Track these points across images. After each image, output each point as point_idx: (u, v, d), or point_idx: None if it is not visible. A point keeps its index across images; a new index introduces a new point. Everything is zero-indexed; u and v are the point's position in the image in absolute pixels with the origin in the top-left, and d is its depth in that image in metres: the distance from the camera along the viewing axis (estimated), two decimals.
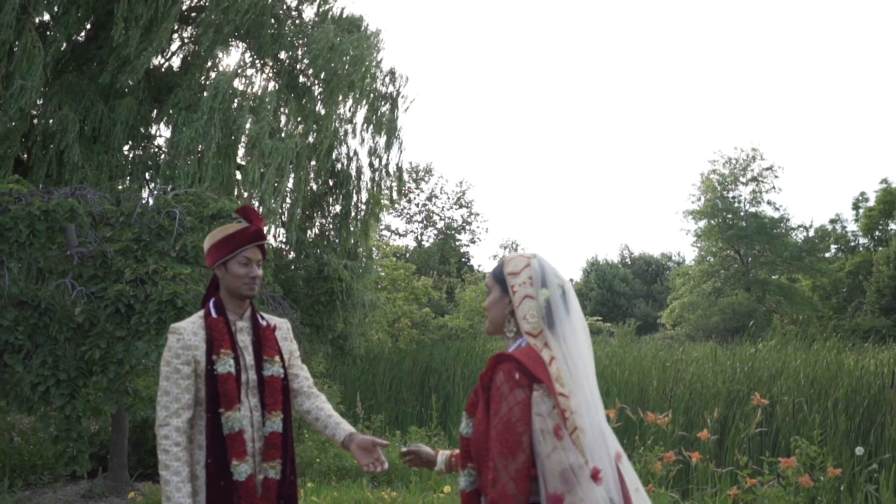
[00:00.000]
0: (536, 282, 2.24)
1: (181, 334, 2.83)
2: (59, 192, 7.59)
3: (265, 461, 2.84)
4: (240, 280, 2.91)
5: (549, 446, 2.03)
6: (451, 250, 37.40)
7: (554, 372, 2.12)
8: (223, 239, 2.92)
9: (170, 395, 2.76)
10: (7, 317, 6.22)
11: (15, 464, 7.60)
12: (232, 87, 14.75)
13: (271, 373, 2.92)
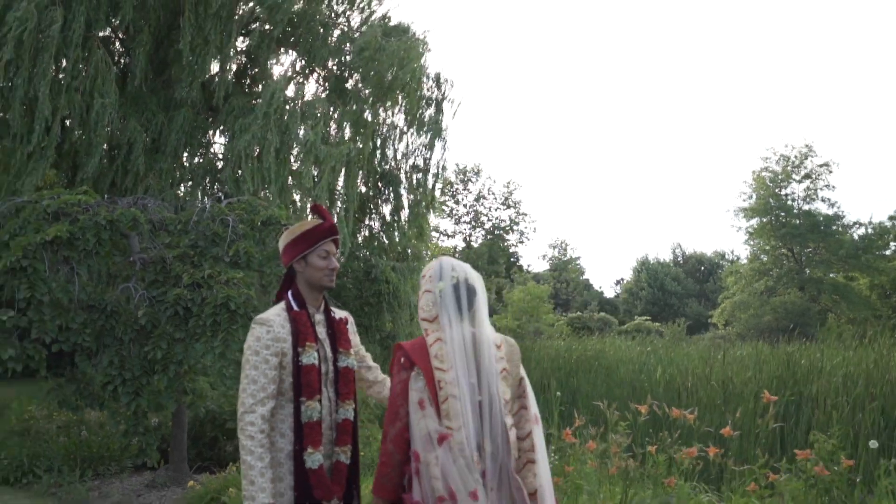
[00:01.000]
0: (435, 278, 2.70)
1: (271, 326, 2.94)
2: (122, 201, 8.11)
3: (337, 446, 3.03)
4: (321, 272, 3.07)
5: (416, 415, 2.49)
6: (500, 250, 37.57)
7: (435, 351, 2.55)
8: (302, 234, 3.08)
9: (257, 384, 2.87)
10: (77, 320, 6.73)
11: (85, 455, 8.15)
12: (284, 93, 15.19)
13: (346, 364, 3.10)
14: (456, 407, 2.45)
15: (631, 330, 28.34)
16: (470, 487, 2.38)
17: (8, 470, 8.04)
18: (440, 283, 2.67)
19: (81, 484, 7.53)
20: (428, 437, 2.44)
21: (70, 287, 6.81)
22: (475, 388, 2.54)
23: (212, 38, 14.15)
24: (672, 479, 4.73)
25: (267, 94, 14.70)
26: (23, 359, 6.52)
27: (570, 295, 47.57)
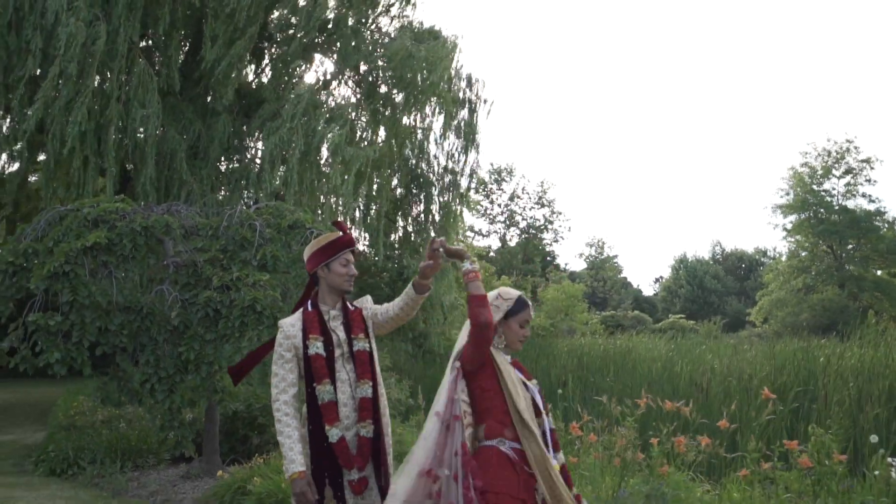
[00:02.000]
0: None
1: (283, 329, 3.47)
2: (157, 208, 8.57)
3: (359, 422, 3.40)
4: (341, 278, 3.52)
5: None
6: (534, 249, 37.72)
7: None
8: (326, 245, 3.54)
9: (278, 377, 3.39)
10: (115, 322, 7.20)
11: (125, 448, 8.64)
12: (313, 97, 15.54)
13: (359, 347, 3.49)
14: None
15: (665, 328, 28.28)
16: None
17: (55, 462, 8.56)
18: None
19: (121, 475, 7.99)
20: None
21: (108, 290, 7.27)
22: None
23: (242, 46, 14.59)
24: (665, 468, 4.97)
25: (294, 99, 15.08)
26: (67, 361, 7.00)
27: (608, 293, 47.46)
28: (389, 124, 18.86)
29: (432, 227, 21.12)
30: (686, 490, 4.99)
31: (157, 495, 7.45)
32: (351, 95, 20.24)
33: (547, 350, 13.63)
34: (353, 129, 18.49)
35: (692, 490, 5.06)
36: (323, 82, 20.34)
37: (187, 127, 15.04)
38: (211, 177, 14.96)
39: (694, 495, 4.97)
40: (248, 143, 17.35)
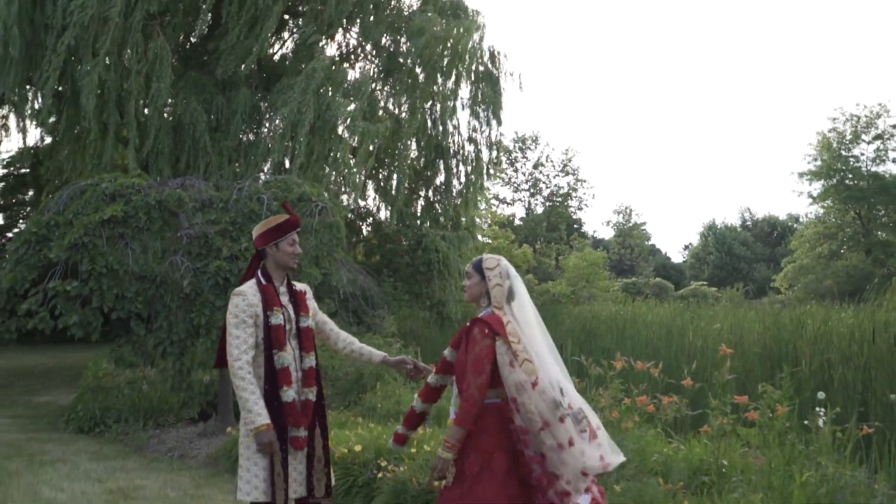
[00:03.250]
0: (504, 276, 3.51)
1: (245, 296, 3.74)
2: (172, 182, 9.04)
3: (305, 387, 3.85)
4: (288, 256, 3.90)
5: (506, 370, 3.28)
6: (559, 217, 37.84)
7: (510, 329, 3.39)
8: (276, 226, 3.90)
9: (240, 339, 3.68)
10: (130, 290, 7.71)
11: (146, 408, 9.20)
12: (329, 70, 15.74)
13: (306, 324, 3.93)
14: (530, 367, 3.30)
15: (687, 295, 28.38)
16: (558, 415, 3.26)
17: (83, 420, 9.17)
18: (508, 280, 3.51)
19: (143, 432, 8.56)
20: (520, 385, 3.26)
21: (124, 260, 7.77)
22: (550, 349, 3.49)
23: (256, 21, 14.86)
24: (628, 424, 5.34)
25: (308, 70, 15.28)
26: (84, 324, 7.54)
27: (635, 261, 47.46)
28: (411, 97, 19.04)
29: (455, 196, 21.46)
30: (646, 444, 5.35)
31: (175, 451, 7.99)
32: (372, 69, 20.51)
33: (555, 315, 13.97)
34: (372, 104, 18.76)
35: (648, 441, 5.41)
36: (343, 56, 20.63)
37: (209, 100, 15.38)
38: (230, 149, 15.34)
39: (653, 448, 5.32)
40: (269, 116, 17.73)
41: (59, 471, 6.69)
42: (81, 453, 7.62)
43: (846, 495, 4.45)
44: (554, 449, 3.21)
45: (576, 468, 3.21)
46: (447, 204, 21.48)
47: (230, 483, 6.39)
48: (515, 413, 3.28)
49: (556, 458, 3.21)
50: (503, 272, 3.50)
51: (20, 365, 18.08)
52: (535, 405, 3.22)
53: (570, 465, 3.20)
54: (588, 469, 3.22)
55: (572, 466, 3.20)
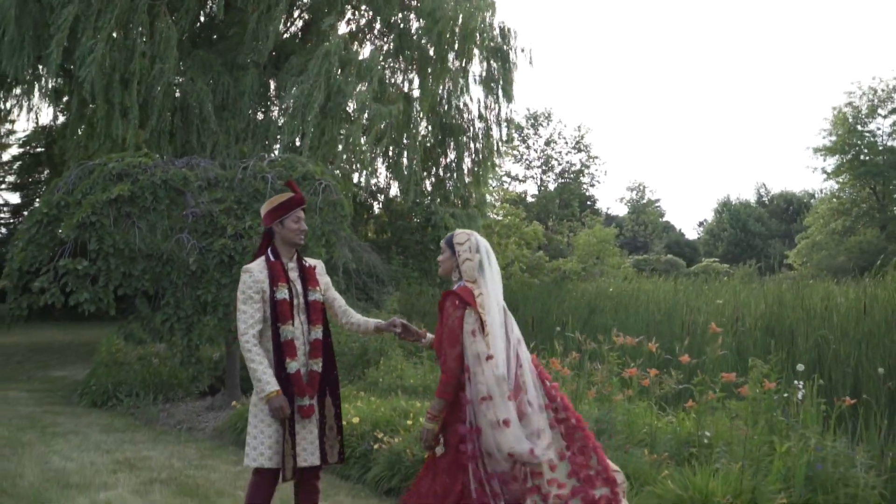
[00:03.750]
0: (473, 250, 3.63)
1: (252, 272, 3.90)
2: (178, 162, 9.18)
3: (310, 359, 3.99)
4: (294, 233, 4.03)
5: (468, 340, 3.44)
6: (571, 194, 37.76)
7: (479, 301, 3.53)
8: (281, 204, 4.03)
9: (246, 314, 3.84)
10: (137, 268, 7.89)
11: (156, 383, 9.44)
12: (340, 52, 15.77)
13: (314, 298, 4.07)
14: (494, 341, 3.45)
15: (698, 272, 28.32)
16: (505, 392, 3.38)
17: (96, 394, 9.42)
18: (477, 254, 3.63)
19: (154, 406, 8.79)
20: (477, 356, 3.42)
21: (131, 239, 7.95)
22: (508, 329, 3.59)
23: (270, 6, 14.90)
24: (618, 397, 5.47)
25: (320, 51, 15.33)
26: (95, 301, 7.75)
27: (648, 238, 47.34)
28: (422, 75, 19.05)
29: (466, 174, 21.52)
30: (635, 416, 5.48)
31: (184, 424, 8.22)
32: (383, 46, 20.51)
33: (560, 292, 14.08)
34: (383, 83, 18.79)
35: (635, 413, 5.54)
36: (353, 34, 20.62)
37: (216, 80, 15.48)
38: (237, 128, 15.43)
39: (642, 420, 5.45)
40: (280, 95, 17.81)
41: (70, 442, 6.91)
42: (93, 426, 7.85)
43: (826, 465, 4.55)
44: (492, 425, 3.32)
45: (504, 449, 3.31)
46: (458, 181, 21.54)
47: (234, 454, 6.60)
48: (466, 382, 3.42)
49: (492, 434, 3.32)
50: (472, 247, 3.62)
51: (38, 340, 18.44)
52: (486, 377, 3.36)
53: (503, 444, 3.30)
54: (515, 454, 3.31)
55: (504, 445, 3.30)
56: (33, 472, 5.72)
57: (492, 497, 3.31)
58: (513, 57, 21.10)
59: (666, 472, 4.49)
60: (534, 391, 3.52)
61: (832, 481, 4.48)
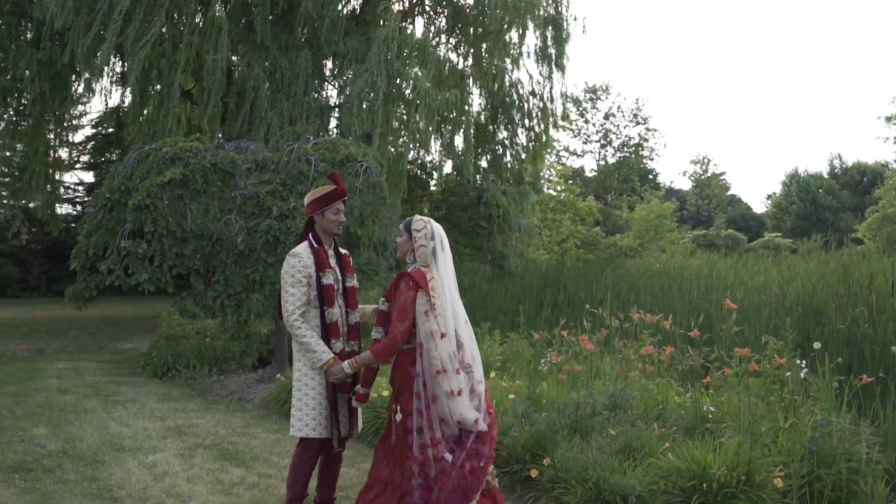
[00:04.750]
0: (428, 237, 3.92)
1: (301, 257, 4.16)
2: (228, 145, 9.62)
3: (350, 340, 4.33)
4: (332, 223, 4.33)
5: (421, 319, 3.75)
6: (630, 169, 37.30)
7: (431, 284, 3.81)
8: (323, 195, 4.32)
9: (294, 296, 4.10)
10: (189, 247, 8.38)
11: (211, 355, 10.00)
12: (397, 35, 15.92)
13: (351, 284, 4.41)
14: (445, 321, 3.81)
15: (759, 247, 27.78)
16: (455, 366, 3.75)
17: (157, 366, 10.04)
18: (432, 241, 3.92)
19: (208, 378, 9.32)
20: (430, 334, 3.75)
21: (183, 221, 8.43)
22: (456, 310, 3.92)
23: None
24: (635, 373, 5.65)
25: (378, 39, 15.53)
26: (154, 281, 8.28)
27: (713, 212, 46.44)
28: (476, 51, 19.12)
29: (521, 150, 21.60)
30: (649, 392, 5.65)
31: (235, 394, 8.72)
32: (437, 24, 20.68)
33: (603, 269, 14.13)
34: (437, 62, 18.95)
35: (647, 388, 5.71)
36: (407, 11, 20.81)
37: (273, 63, 15.87)
38: (292, 110, 15.78)
39: (654, 396, 5.62)
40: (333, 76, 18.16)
41: (129, 409, 7.46)
42: (151, 395, 8.41)
43: (831, 441, 4.66)
44: (447, 395, 3.65)
45: (455, 416, 3.65)
46: (512, 158, 21.65)
47: (276, 423, 7.03)
48: (419, 357, 3.73)
49: (446, 402, 3.65)
50: (428, 234, 3.89)
51: (110, 314, 19.47)
52: (439, 353, 3.68)
53: (454, 411, 3.65)
54: (464, 421, 3.67)
55: (455, 413, 3.65)
56: (92, 436, 6.24)
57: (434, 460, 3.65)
58: (566, 26, 20.97)
59: (667, 445, 4.67)
60: (480, 368, 3.91)
61: (835, 456, 4.59)
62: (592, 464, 4.44)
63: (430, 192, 22.08)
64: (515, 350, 7.96)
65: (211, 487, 4.88)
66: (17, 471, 5.16)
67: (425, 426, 3.68)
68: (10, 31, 16.70)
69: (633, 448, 4.79)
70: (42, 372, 10.06)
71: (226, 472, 5.24)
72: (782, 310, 8.33)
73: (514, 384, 6.34)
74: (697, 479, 4.31)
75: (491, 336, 8.20)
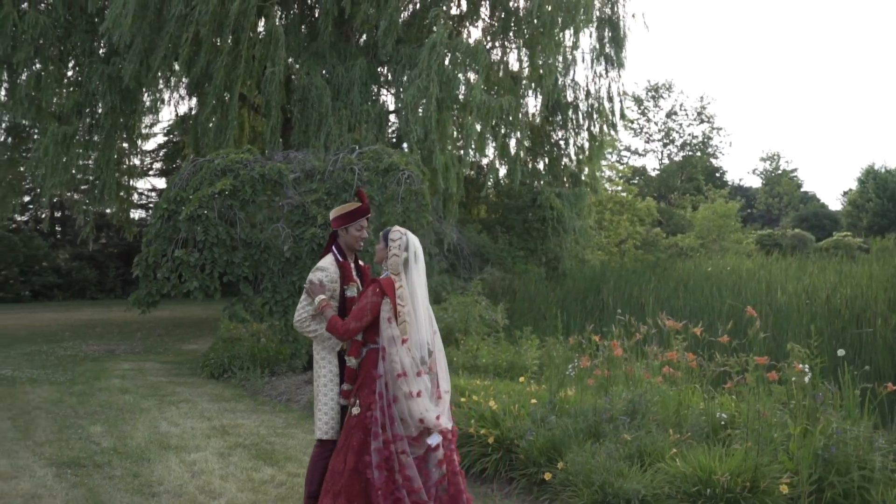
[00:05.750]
0: (402, 247, 4.13)
1: (327, 271, 4.36)
2: (277, 156, 10.04)
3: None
4: (355, 239, 4.55)
5: (384, 325, 3.97)
6: (694, 167, 36.64)
7: (400, 293, 4.07)
8: (348, 212, 4.53)
9: (306, 307, 4.32)
10: (238, 256, 8.79)
11: (263, 358, 10.42)
12: (446, 40, 16.15)
13: None
14: (410, 328, 4.03)
15: (828, 247, 26.95)
16: (416, 370, 3.97)
17: (214, 367, 10.53)
18: (405, 252, 4.14)
19: (260, 379, 9.74)
20: (392, 339, 3.98)
21: (232, 230, 8.85)
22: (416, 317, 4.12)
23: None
24: (660, 379, 5.75)
25: (429, 45, 15.79)
26: (203, 288, 8.73)
27: (783, 210, 45.18)
28: (532, 53, 19.17)
29: (577, 151, 21.58)
30: (667, 397, 5.72)
31: (283, 395, 9.09)
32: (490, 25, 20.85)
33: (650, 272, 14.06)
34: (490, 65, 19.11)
35: (664, 392, 5.77)
36: (461, 17, 21.04)
37: (331, 71, 16.30)
38: (350, 117, 16.19)
39: (672, 401, 5.68)
40: (388, 83, 18.54)
41: (181, 409, 7.90)
42: (204, 396, 8.85)
43: (845, 448, 4.66)
44: (406, 396, 3.88)
45: (416, 416, 3.87)
46: (567, 159, 21.64)
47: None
48: (381, 360, 3.95)
49: (406, 403, 3.87)
50: (402, 245, 4.10)
51: (179, 315, 20.33)
52: (400, 357, 3.90)
53: (414, 411, 3.87)
54: (425, 420, 3.88)
55: (415, 413, 3.87)
56: (143, 434, 6.67)
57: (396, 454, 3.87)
58: (623, 25, 20.86)
59: (674, 451, 4.76)
60: (447, 377, 4.15)
61: (849, 464, 4.60)
62: (599, 468, 4.57)
63: (486, 194, 22.25)
64: (551, 355, 8.09)
65: (241, 485, 5.20)
66: (71, 466, 5.59)
67: (387, 424, 3.89)
68: (84, 48, 17.62)
69: (647, 453, 4.89)
70: (109, 372, 10.67)
71: (258, 470, 5.56)
72: (823, 314, 8.24)
73: (541, 388, 6.49)
74: (702, 485, 4.40)
75: (528, 341, 8.35)
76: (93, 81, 16.31)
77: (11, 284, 25.71)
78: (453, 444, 4.10)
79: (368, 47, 17.64)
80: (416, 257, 4.17)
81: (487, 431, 5.60)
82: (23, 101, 17.00)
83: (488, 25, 21.12)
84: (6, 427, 6.92)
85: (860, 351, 6.34)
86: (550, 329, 9.68)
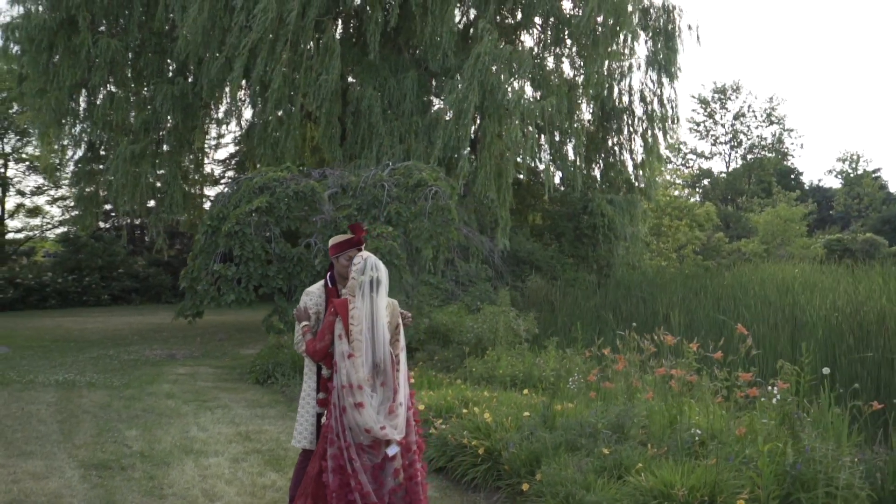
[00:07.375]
0: (360, 272, 4.41)
1: (312, 295, 4.74)
2: (315, 173, 10.54)
3: None
4: (344, 268, 4.85)
5: (337, 342, 4.28)
6: (763, 170, 35.70)
7: (353, 314, 4.36)
8: (338, 243, 4.88)
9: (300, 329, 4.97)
10: (272, 269, 9.33)
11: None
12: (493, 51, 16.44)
13: None
14: (358, 345, 4.33)
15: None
16: (359, 384, 4.26)
17: (259, 373, 11.08)
18: (362, 276, 4.41)
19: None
20: (342, 354, 4.31)
21: (267, 245, 9.39)
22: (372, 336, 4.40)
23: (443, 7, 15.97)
24: (650, 394, 5.92)
25: (474, 54, 16.15)
26: (240, 301, 9.30)
27: (864, 212, 43.48)
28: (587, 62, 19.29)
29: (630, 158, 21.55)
30: (651, 410, 5.87)
31: None
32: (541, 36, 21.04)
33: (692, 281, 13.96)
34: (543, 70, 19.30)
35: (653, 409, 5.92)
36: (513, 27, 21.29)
37: (383, 84, 16.78)
38: (401, 129, 16.60)
39: (662, 416, 5.82)
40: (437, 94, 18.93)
41: (215, 415, 8.43)
42: (242, 401, 9.38)
43: (814, 465, 4.76)
44: (352, 406, 4.17)
45: (361, 425, 4.14)
46: (622, 165, 21.61)
47: None
48: (335, 373, 4.28)
49: (352, 413, 4.16)
50: (360, 269, 4.37)
51: (242, 320, 21.14)
52: (347, 371, 4.19)
53: (360, 421, 4.15)
54: (371, 430, 4.15)
55: (360, 423, 4.15)
56: (172, 439, 7.20)
57: (348, 460, 4.17)
58: (678, 35, 20.85)
59: (639, 465, 4.94)
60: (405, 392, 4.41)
61: (816, 481, 4.69)
62: (567, 480, 4.80)
63: (540, 200, 22.38)
64: (568, 367, 8.28)
65: (242, 489, 5.63)
66: (98, 468, 6.14)
67: (340, 432, 4.22)
68: (153, 68, 18.70)
69: (624, 467, 5.09)
70: (163, 376, 11.33)
71: (264, 475, 5.99)
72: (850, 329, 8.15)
73: (538, 400, 6.72)
74: (662, 498, 4.58)
75: (546, 352, 8.56)
76: (158, 99, 17.30)
77: (93, 289, 27.29)
78: (417, 455, 4.41)
79: (420, 60, 18.06)
80: (374, 285, 4.41)
81: (478, 442, 5.88)
82: (98, 121, 18.17)
83: (540, 35, 21.31)
84: (52, 430, 7.56)
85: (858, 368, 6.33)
86: (587, 340, 9.84)
